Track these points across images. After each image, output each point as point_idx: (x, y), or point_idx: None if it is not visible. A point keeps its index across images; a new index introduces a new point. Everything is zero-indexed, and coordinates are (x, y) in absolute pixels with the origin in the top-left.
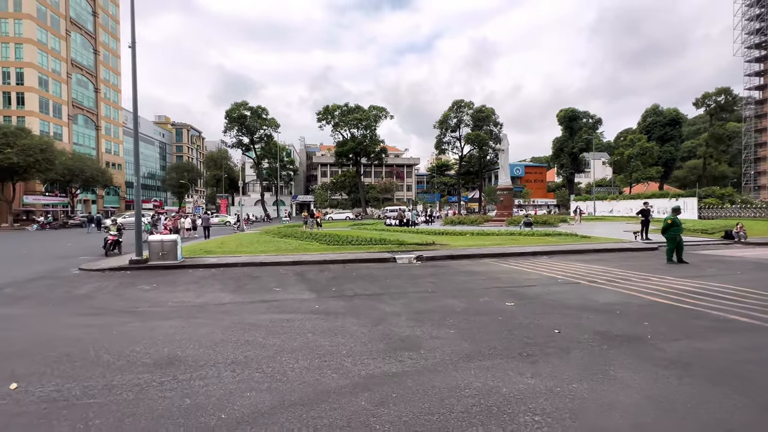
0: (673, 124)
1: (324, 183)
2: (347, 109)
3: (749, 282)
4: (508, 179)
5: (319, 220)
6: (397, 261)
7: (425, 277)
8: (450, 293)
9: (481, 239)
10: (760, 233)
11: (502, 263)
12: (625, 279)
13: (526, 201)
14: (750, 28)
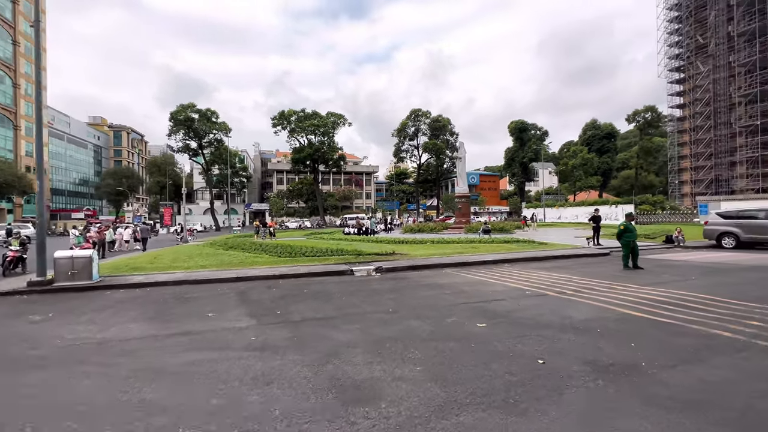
0: (609, 138)
1: (280, 190)
2: (304, 114)
3: (707, 288)
4: (466, 187)
5: (273, 230)
6: (354, 273)
7: (385, 293)
8: (413, 312)
9: (442, 248)
10: (694, 237)
11: (465, 273)
12: (591, 288)
13: (482, 208)
14: (671, 54)
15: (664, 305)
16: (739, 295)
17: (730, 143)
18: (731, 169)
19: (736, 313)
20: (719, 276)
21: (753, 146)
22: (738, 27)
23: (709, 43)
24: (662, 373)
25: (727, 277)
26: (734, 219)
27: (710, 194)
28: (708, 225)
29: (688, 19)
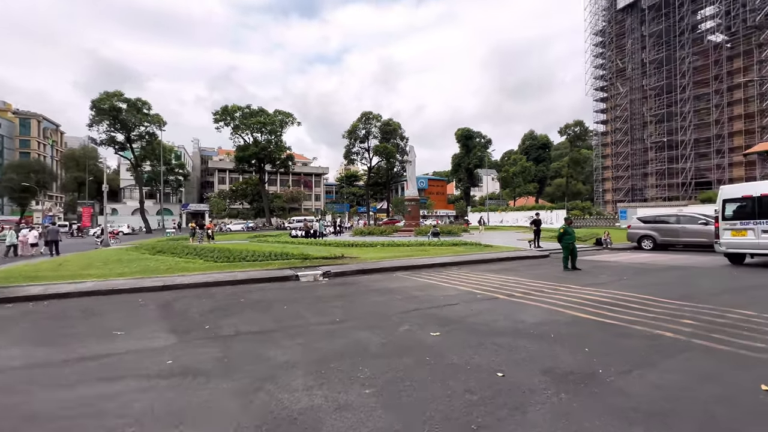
0: (544, 148)
1: (222, 190)
2: (250, 111)
3: (639, 288)
4: (415, 190)
5: (211, 232)
6: (300, 279)
7: (333, 300)
8: (363, 322)
9: (392, 250)
10: (619, 240)
11: (416, 277)
12: (539, 291)
13: (430, 212)
14: (596, 74)
15: (607, 306)
16: (668, 294)
17: (643, 157)
18: (644, 179)
19: (670, 312)
20: (646, 276)
21: (661, 160)
22: (649, 55)
23: (626, 68)
24: (619, 380)
25: (653, 277)
26: (651, 223)
27: (628, 201)
28: (630, 229)
29: (610, 45)
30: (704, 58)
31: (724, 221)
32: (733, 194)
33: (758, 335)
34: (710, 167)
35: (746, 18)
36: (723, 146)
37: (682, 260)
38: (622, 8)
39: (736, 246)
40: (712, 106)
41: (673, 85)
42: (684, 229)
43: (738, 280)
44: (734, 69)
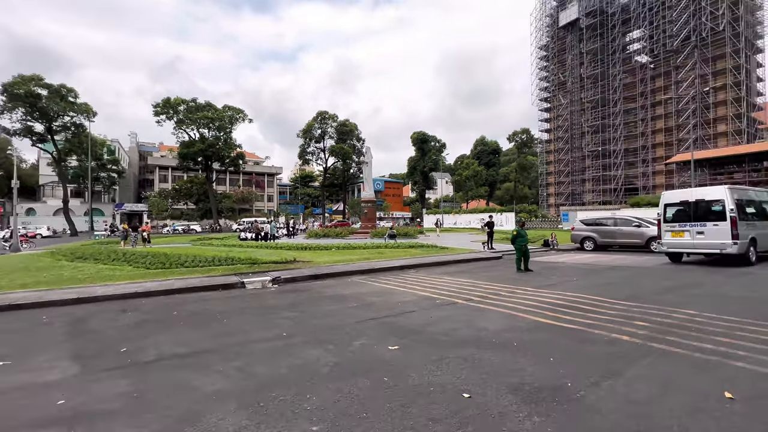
0: (494, 153)
1: (163, 189)
2: (196, 105)
3: (589, 288)
4: (372, 192)
5: (147, 235)
6: (246, 286)
7: (281, 310)
8: (314, 336)
9: (348, 253)
10: (564, 241)
11: (372, 281)
12: (496, 294)
13: (386, 214)
14: (541, 86)
15: (563, 309)
16: (616, 295)
17: (581, 164)
18: (582, 185)
19: (622, 314)
20: (593, 276)
21: (596, 167)
22: (587, 71)
23: (567, 81)
24: (590, 394)
25: (600, 278)
26: (592, 226)
27: (568, 205)
28: (574, 231)
29: (553, 59)
30: (632, 76)
31: (665, 223)
32: (672, 199)
33: (704, 335)
34: (637, 175)
35: (666, 43)
36: (648, 156)
37: (621, 260)
38: (563, 26)
39: (676, 246)
40: (638, 119)
41: (607, 99)
42: (620, 231)
43: (673, 280)
44: (657, 87)
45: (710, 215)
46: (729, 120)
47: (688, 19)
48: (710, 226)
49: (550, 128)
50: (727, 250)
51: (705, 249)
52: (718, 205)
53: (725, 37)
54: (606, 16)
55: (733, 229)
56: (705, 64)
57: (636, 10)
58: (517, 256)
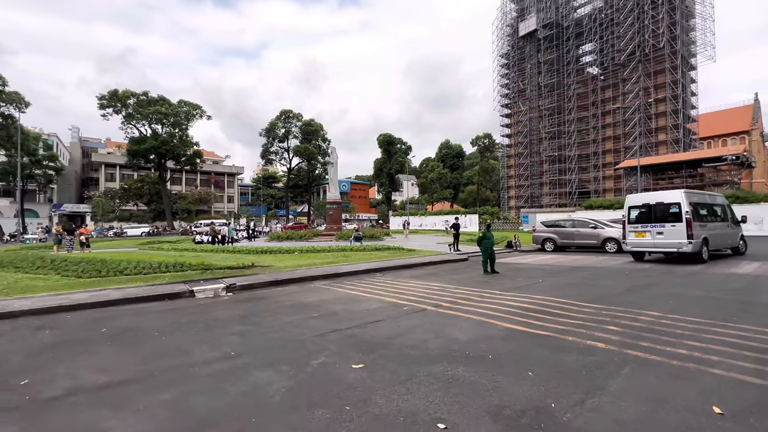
0: (459, 157)
1: (110, 189)
2: (148, 99)
3: (555, 291)
4: (338, 193)
5: (86, 239)
6: (196, 295)
7: (232, 324)
8: (267, 354)
9: (312, 257)
10: (526, 242)
11: (337, 287)
12: (465, 298)
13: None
14: (502, 92)
15: (533, 314)
16: (582, 297)
17: (539, 168)
18: (541, 188)
19: (591, 318)
20: (557, 278)
21: (553, 172)
22: (544, 79)
23: (526, 89)
24: (576, 417)
25: (563, 279)
26: (552, 227)
27: (528, 207)
28: (535, 232)
29: (513, 67)
30: (585, 86)
31: (630, 225)
32: (636, 202)
33: (675, 339)
34: (590, 179)
35: (614, 56)
36: (599, 162)
37: (580, 261)
38: (522, 36)
39: (639, 245)
40: (590, 127)
41: (563, 107)
42: (578, 233)
43: (631, 280)
44: (606, 98)
45: (669, 217)
46: (668, 130)
47: (633, 35)
48: (668, 227)
49: (511, 133)
50: (683, 249)
51: (664, 248)
52: (675, 207)
53: (665, 54)
54: (561, 28)
55: (689, 229)
56: (648, 78)
57: (588, 24)
58: (483, 258)
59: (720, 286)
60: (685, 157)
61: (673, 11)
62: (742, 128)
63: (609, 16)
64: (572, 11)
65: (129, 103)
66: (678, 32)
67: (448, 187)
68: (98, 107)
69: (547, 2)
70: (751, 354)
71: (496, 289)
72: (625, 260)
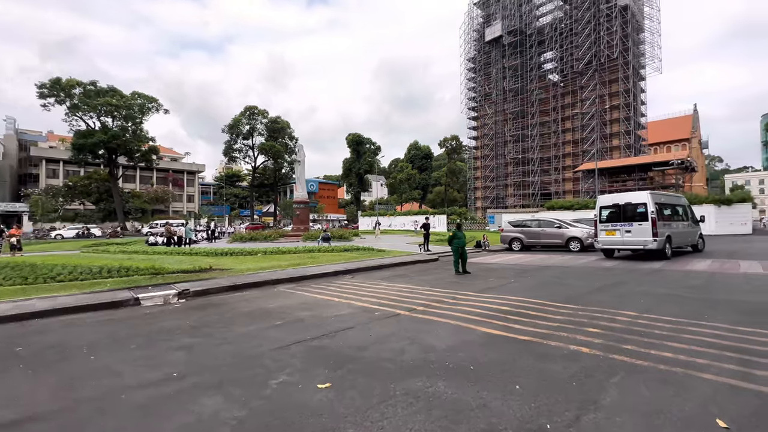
0: (427, 158)
1: (52, 186)
2: (96, 89)
3: (529, 291)
4: (305, 192)
5: (17, 240)
6: (142, 303)
7: (180, 336)
8: (216, 374)
9: (277, 258)
10: (494, 242)
11: (303, 290)
12: (438, 301)
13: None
14: (469, 96)
15: (511, 316)
16: (555, 296)
17: (504, 170)
18: (505, 189)
19: (569, 320)
20: (528, 277)
21: (517, 174)
22: (508, 84)
23: (492, 93)
24: None
25: (534, 279)
26: (520, 227)
27: (494, 207)
28: (503, 232)
29: (480, 71)
30: (547, 92)
31: (601, 224)
32: (606, 202)
33: (657, 341)
34: (551, 181)
35: (573, 65)
36: (559, 165)
37: (548, 260)
38: (488, 41)
39: (609, 243)
40: (551, 132)
41: (526, 111)
42: (544, 232)
43: (600, 279)
44: (566, 104)
45: (636, 216)
46: (621, 136)
47: (591, 45)
48: (636, 226)
49: (477, 136)
50: (648, 246)
51: (632, 246)
52: (642, 207)
53: (618, 64)
54: (525, 36)
55: (654, 228)
56: (603, 86)
57: (549, 33)
58: (455, 258)
59: (682, 284)
60: (638, 161)
61: (626, 25)
62: (684, 136)
63: (568, 26)
64: (535, 20)
65: (74, 93)
66: (630, 44)
67: (416, 188)
68: (38, 96)
69: (512, 10)
70: (733, 355)
71: (469, 290)
72: (590, 258)
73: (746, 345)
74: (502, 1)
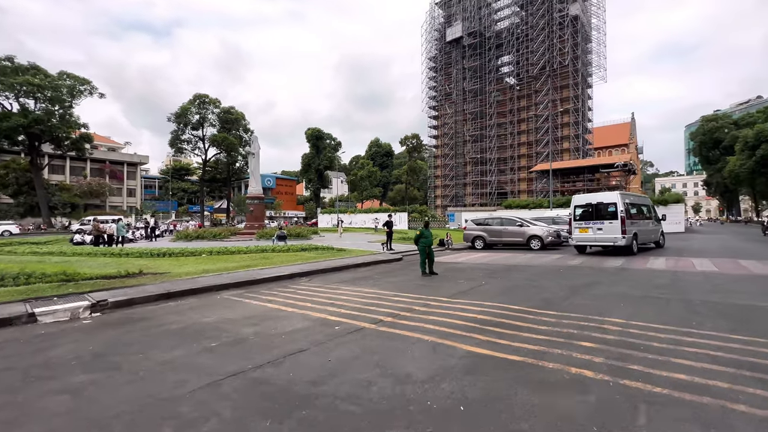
0: (388, 156)
1: None
2: (13, 66)
3: (503, 296)
4: (260, 187)
5: None
6: (38, 320)
7: (72, 370)
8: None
9: (224, 260)
10: (457, 240)
11: (250, 298)
12: (408, 309)
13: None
14: (430, 95)
15: (492, 328)
16: (534, 302)
17: (463, 169)
18: (464, 188)
19: (555, 330)
20: (498, 279)
21: (476, 173)
22: (468, 85)
23: (452, 93)
24: None
25: (505, 280)
26: (482, 225)
27: (453, 206)
28: (466, 230)
29: (441, 71)
30: (504, 94)
31: (575, 222)
32: (580, 202)
33: (661, 358)
34: (507, 181)
35: (528, 69)
36: (515, 165)
37: (512, 259)
38: (449, 41)
39: (582, 240)
40: (508, 133)
41: (485, 112)
42: (506, 231)
43: (570, 279)
44: (522, 106)
45: (606, 215)
46: (571, 139)
47: (545, 51)
48: (606, 224)
49: (438, 134)
50: (618, 243)
51: (602, 242)
52: (612, 207)
53: (569, 71)
54: (484, 38)
55: (623, 225)
56: (556, 91)
57: (507, 37)
58: (422, 258)
59: (650, 284)
60: (587, 163)
61: (576, 34)
62: (623, 141)
63: (524, 31)
64: (493, 23)
65: None
66: (579, 53)
67: (377, 185)
68: None
69: (472, 12)
70: (751, 375)
71: (440, 294)
72: (553, 257)
73: (755, 359)
74: (463, 3)
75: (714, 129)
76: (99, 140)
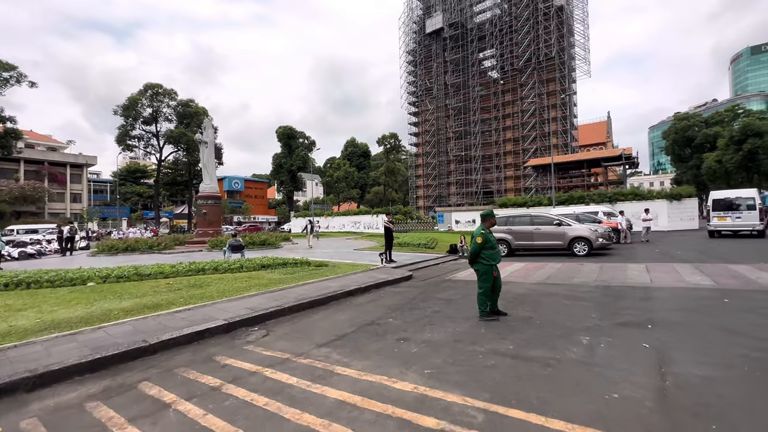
0: (365, 156)
1: None
2: None
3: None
4: (214, 184)
5: None
6: None
7: None
8: None
9: (118, 293)
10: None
11: (122, 407)
12: None
13: (247, 217)
14: (410, 90)
15: None
16: None
17: (447, 168)
18: (448, 188)
19: None
20: (651, 323)
21: (460, 172)
22: (450, 79)
23: (433, 88)
24: None
25: (667, 327)
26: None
27: (436, 207)
28: None
29: (420, 65)
30: (487, 88)
31: (713, 211)
32: (719, 196)
33: None
34: (492, 179)
35: (513, 62)
36: (501, 162)
37: (584, 273)
38: (429, 33)
39: (719, 226)
40: (492, 129)
41: (468, 107)
42: (539, 232)
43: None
44: (506, 101)
45: (743, 207)
46: (559, 134)
47: (530, 43)
48: (745, 213)
49: (419, 132)
50: (757, 228)
51: (741, 228)
52: (750, 200)
53: (555, 63)
54: (466, 30)
55: (761, 215)
56: (542, 85)
57: (489, 29)
58: (485, 286)
59: None
60: (589, 156)
61: (561, 25)
62: (601, 140)
63: (508, 23)
64: (475, 15)
65: None
66: (565, 45)
67: (354, 187)
68: None
69: (452, 3)
70: None
71: (571, 398)
72: (629, 267)
73: None
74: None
75: (686, 127)
76: (37, 138)
